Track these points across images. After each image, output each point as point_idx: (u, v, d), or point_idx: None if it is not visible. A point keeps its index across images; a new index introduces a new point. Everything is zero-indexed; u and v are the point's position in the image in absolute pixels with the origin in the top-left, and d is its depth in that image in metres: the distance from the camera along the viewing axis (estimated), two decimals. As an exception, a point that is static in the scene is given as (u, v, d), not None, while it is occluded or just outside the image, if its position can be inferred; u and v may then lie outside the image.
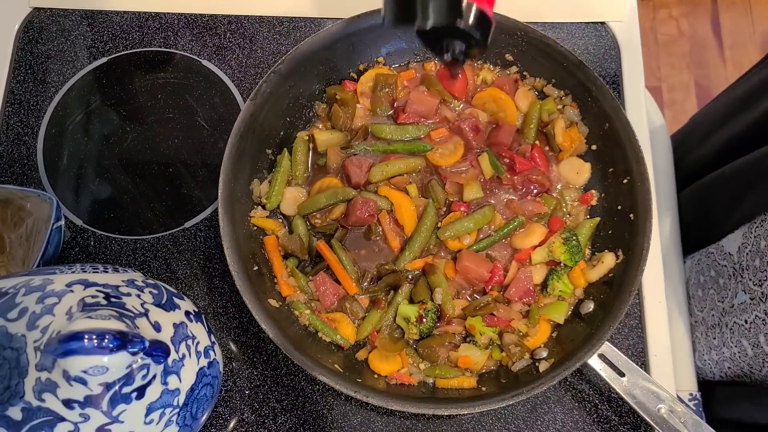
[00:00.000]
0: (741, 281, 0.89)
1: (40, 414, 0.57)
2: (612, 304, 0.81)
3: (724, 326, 0.93)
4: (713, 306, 0.96)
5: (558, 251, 0.87)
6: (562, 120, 0.93)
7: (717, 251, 0.96)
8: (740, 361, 0.90)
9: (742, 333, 0.89)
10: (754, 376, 0.89)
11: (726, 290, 0.93)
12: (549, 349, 0.84)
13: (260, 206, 0.90)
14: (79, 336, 0.54)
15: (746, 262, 0.88)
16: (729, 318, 0.91)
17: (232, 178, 0.84)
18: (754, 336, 0.86)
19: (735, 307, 0.90)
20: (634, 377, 0.81)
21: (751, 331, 0.87)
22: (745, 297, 0.88)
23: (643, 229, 0.83)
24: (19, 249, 0.87)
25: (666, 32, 2.43)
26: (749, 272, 0.87)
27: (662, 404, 0.79)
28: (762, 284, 0.84)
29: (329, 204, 0.90)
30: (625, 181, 0.87)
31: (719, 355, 0.94)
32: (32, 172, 0.98)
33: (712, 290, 0.96)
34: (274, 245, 0.89)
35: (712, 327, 0.96)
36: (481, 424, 0.87)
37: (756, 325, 0.86)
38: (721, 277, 0.94)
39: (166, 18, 1.07)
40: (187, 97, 1.03)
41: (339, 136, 0.93)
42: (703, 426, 0.77)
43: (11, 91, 1.02)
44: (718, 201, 0.99)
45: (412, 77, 0.97)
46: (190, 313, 0.72)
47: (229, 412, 0.87)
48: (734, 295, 0.91)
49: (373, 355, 0.85)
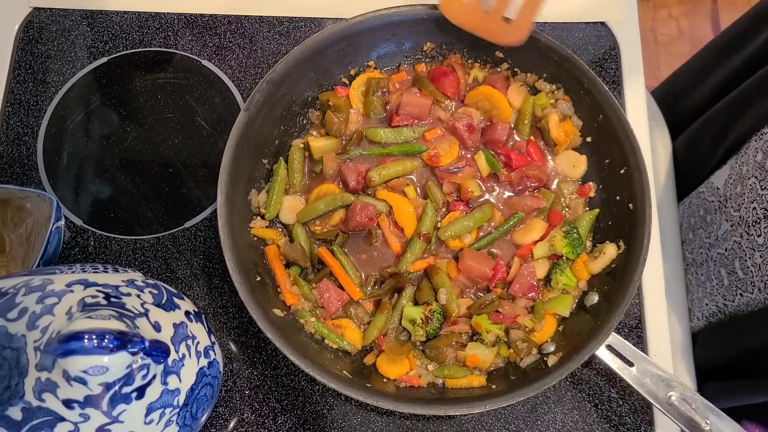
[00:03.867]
0: (725, 211, 0.89)
1: (40, 414, 0.57)
2: (617, 295, 0.82)
3: (710, 260, 0.92)
4: (701, 244, 0.96)
5: (559, 245, 0.87)
6: (556, 114, 0.94)
7: (707, 189, 0.96)
8: (716, 293, 0.89)
9: (721, 262, 0.88)
10: (728, 308, 0.88)
11: (712, 225, 0.93)
12: (556, 343, 0.84)
13: (259, 216, 0.90)
14: (79, 336, 0.54)
15: (729, 191, 0.88)
16: (714, 251, 0.91)
17: (230, 190, 0.84)
18: (730, 263, 0.86)
19: (719, 238, 0.90)
20: (643, 366, 0.81)
21: (729, 258, 0.86)
22: (727, 225, 0.88)
23: (642, 218, 0.84)
24: (19, 249, 0.87)
25: (666, 32, 2.43)
26: (731, 200, 0.87)
27: (673, 391, 0.79)
28: (740, 208, 0.84)
29: (328, 210, 0.90)
30: (622, 171, 0.87)
31: (702, 292, 0.94)
32: (32, 172, 0.98)
33: (701, 229, 0.96)
34: (276, 255, 0.88)
35: (700, 264, 0.95)
36: (482, 424, 0.87)
37: (733, 251, 0.85)
38: (709, 213, 0.94)
39: (166, 18, 1.07)
40: (187, 97, 1.03)
41: (334, 143, 0.93)
42: (715, 410, 0.77)
43: (11, 91, 1.02)
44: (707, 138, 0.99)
45: (403, 79, 0.97)
46: (190, 313, 0.72)
47: (229, 412, 0.87)
48: (719, 227, 0.90)
49: (380, 359, 0.85)
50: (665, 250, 1.00)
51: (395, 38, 0.96)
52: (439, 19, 0.92)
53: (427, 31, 0.95)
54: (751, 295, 0.83)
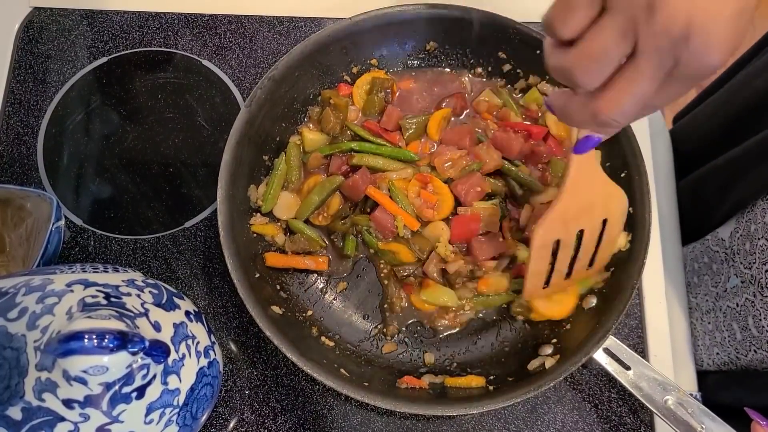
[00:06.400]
0: (733, 265, 0.90)
1: (40, 414, 0.57)
2: (615, 298, 0.82)
3: (718, 311, 0.93)
4: (707, 291, 0.96)
5: None
6: None
7: (711, 237, 0.97)
8: (728, 345, 0.90)
9: (733, 316, 0.89)
10: (740, 361, 0.89)
11: (719, 275, 0.93)
12: (554, 345, 0.85)
13: (258, 212, 0.90)
14: (79, 336, 0.54)
15: (737, 247, 0.89)
16: (722, 302, 0.92)
17: (230, 186, 0.84)
18: (743, 319, 0.86)
19: (728, 291, 0.91)
20: (639, 369, 0.81)
21: (741, 314, 0.87)
22: (737, 281, 0.88)
23: (642, 222, 0.84)
24: (19, 249, 0.87)
25: (666, 32, 2.43)
26: (740, 256, 0.88)
27: (669, 395, 0.79)
28: (751, 267, 0.85)
29: (323, 199, 0.90)
30: (623, 175, 0.87)
31: (711, 340, 0.94)
32: (32, 172, 0.98)
33: (706, 276, 0.97)
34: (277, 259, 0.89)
35: (707, 312, 0.96)
36: (481, 424, 0.87)
37: (745, 308, 0.86)
38: (714, 263, 0.95)
39: (166, 18, 1.07)
40: (187, 97, 1.03)
41: (327, 139, 0.94)
42: (711, 415, 0.77)
43: (11, 90, 1.02)
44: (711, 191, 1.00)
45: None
46: (190, 312, 0.72)
47: (229, 412, 0.87)
48: (727, 279, 0.91)
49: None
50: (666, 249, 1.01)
51: (398, 37, 0.96)
52: (442, 19, 0.92)
53: (430, 31, 0.95)
54: (766, 353, 0.84)
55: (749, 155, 0.93)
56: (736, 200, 0.92)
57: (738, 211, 0.91)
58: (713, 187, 1.00)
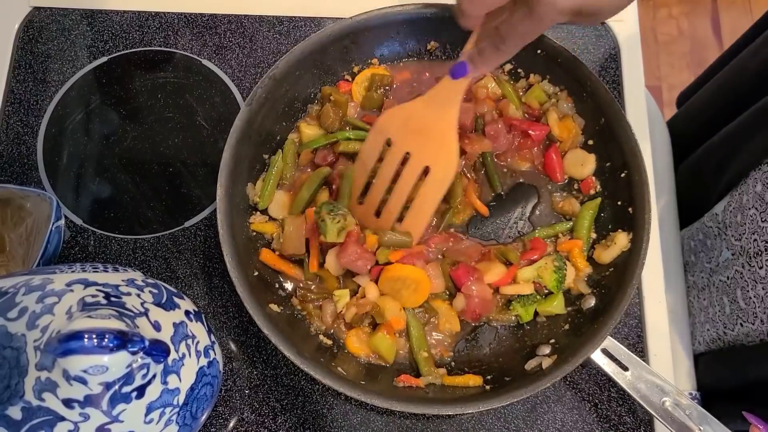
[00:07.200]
0: (725, 239, 0.90)
1: (40, 413, 0.57)
2: (613, 300, 0.81)
3: (712, 286, 0.93)
4: (702, 268, 0.96)
5: (548, 278, 0.86)
6: (555, 111, 0.93)
7: (707, 215, 0.97)
8: (718, 321, 0.90)
9: (723, 290, 0.89)
10: (727, 337, 0.89)
11: (713, 250, 0.93)
12: (551, 346, 0.85)
13: (258, 211, 0.90)
14: (79, 335, 0.54)
15: (729, 220, 0.88)
16: (716, 277, 0.91)
17: (230, 185, 0.84)
18: (732, 291, 0.86)
19: (720, 265, 0.91)
20: (637, 371, 0.81)
21: (731, 286, 0.87)
22: (728, 254, 0.88)
23: (641, 222, 0.83)
24: (19, 248, 0.87)
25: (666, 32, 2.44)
26: (731, 228, 0.88)
27: (667, 397, 0.79)
28: (741, 238, 0.84)
29: (312, 191, 0.89)
30: (623, 175, 0.87)
31: (705, 317, 0.94)
32: (32, 172, 0.98)
33: (702, 253, 0.97)
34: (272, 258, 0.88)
35: (702, 289, 0.96)
36: (481, 424, 0.87)
37: (735, 280, 0.86)
38: (708, 239, 0.95)
39: (166, 18, 1.07)
40: (187, 97, 1.03)
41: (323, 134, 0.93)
42: (708, 418, 0.77)
43: (11, 90, 1.02)
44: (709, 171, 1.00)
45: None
46: (190, 312, 0.72)
47: (229, 412, 0.87)
48: (719, 253, 0.91)
49: None
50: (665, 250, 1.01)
51: (399, 36, 0.96)
52: (443, 19, 0.92)
53: (430, 31, 0.95)
54: (752, 325, 0.84)
55: (743, 127, 0.92)
56: (731, 177, 0.91)
57: (732, 188, 0.90)
58: (711, 166, 1.00)
